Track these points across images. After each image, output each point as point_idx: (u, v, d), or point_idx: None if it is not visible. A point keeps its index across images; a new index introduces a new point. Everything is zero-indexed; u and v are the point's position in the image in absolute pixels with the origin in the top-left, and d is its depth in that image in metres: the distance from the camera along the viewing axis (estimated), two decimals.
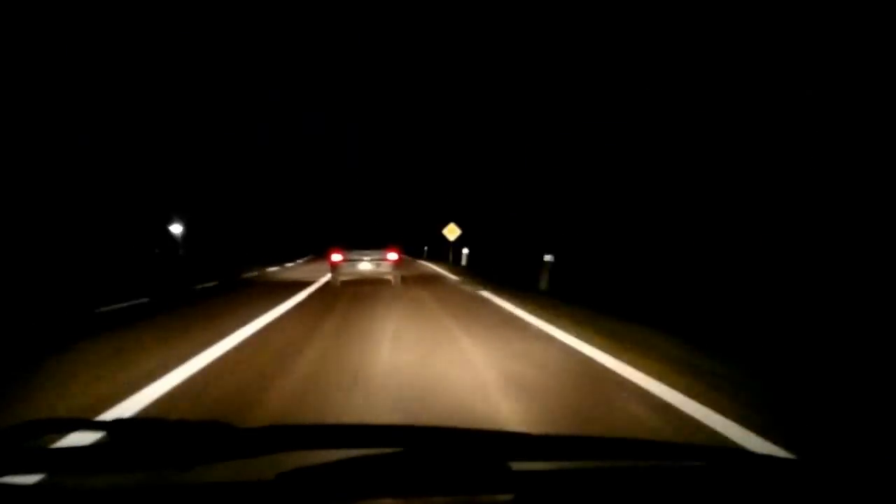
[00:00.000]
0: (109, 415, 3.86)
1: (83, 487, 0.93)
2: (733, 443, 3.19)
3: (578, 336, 6.64)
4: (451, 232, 27.62)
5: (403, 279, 15.56)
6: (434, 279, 17.80)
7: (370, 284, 14.24)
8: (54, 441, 2.57)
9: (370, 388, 4.44)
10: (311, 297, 12.07)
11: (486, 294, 12.12)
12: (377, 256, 13.67)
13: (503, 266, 22.28)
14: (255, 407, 4.00)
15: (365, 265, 13.69)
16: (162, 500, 0.98)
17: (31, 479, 1.01)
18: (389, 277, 14.02)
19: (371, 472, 1.04)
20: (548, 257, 13.52)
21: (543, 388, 4.45)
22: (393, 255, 13.75)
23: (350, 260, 13.64)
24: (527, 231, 30.04)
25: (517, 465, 1.07)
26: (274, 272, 23.86)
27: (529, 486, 1.06)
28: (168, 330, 7.75)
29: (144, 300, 11.60)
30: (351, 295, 11.97)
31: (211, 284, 16.59)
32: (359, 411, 3.87)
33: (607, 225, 25.32)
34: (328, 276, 16.11)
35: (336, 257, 13.71)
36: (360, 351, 5.92)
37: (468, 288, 14.13)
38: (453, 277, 18.42)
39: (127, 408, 4.02)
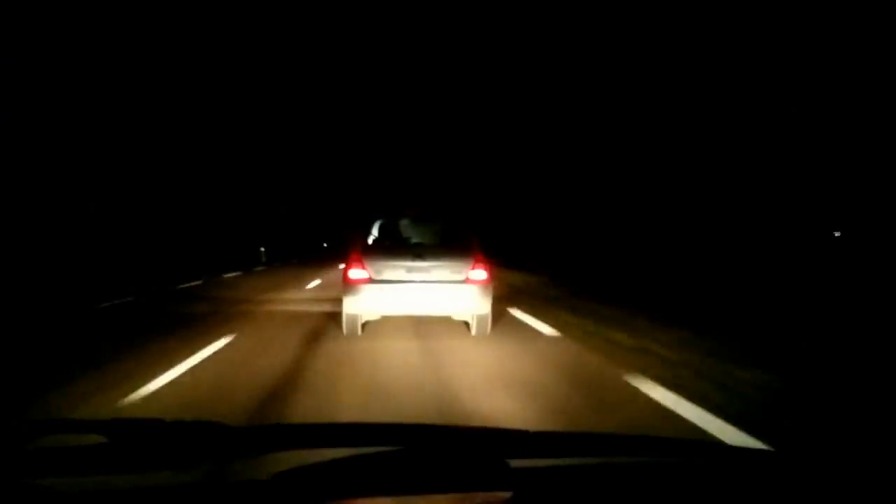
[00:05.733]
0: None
1: (81, 489, 0.94)
2: None
3: None
4: None
5: None
6: None
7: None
8: (51, 442, 2.58)
9: None
10: None
11: None
12: (442, 275, 6.74)
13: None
14: None
15: (417, 291, 6.70)
16: (159, 500, 0.99)
17: (28, 480, 1.03)
18: (467, 317, 7.11)
19: (369, 470, 1.04)
20: None
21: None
22: (479, 273, 6.78)
23: (383, 280, 6.71)
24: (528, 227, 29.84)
25: (516, 463, 1.07)
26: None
27: (528, 483, 1.05)
28: None
29: None
30: None
31: None
32: None
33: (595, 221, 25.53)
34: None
35: (357, 273, 6.72)
36: None
37: None
38: None
39: None
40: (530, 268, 18.57)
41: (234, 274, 19.29)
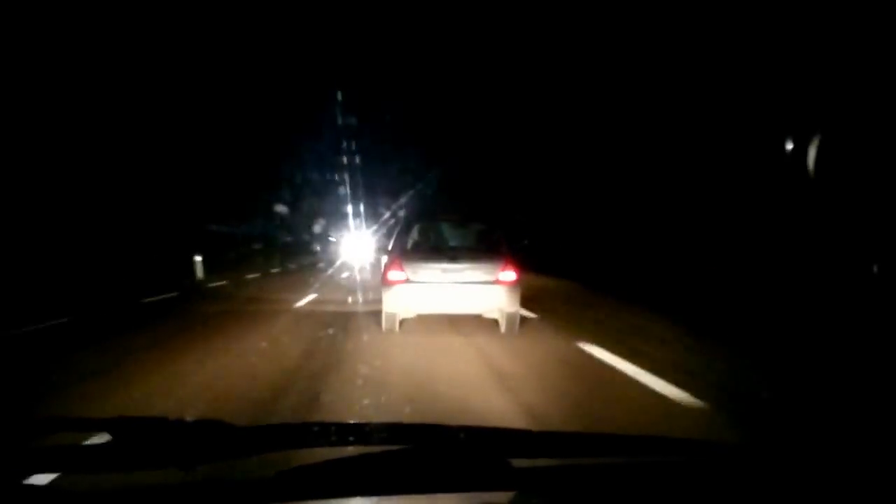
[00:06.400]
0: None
1: (85, 487, 0.95)
2: None
3: None
4: None
5: None
6: None
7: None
8: (55, 441, 2.57)
9: None
10: None
11: None
12: (474, 276, 7.09)
13: None
14: None
15: (451, 290, 7.08)
16: (163, 498, 1.00)
17: (32, 478, 1.04)
18: (496, 315, 7.39)
19: (372, 469, 1.04)
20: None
21: None
22: (509, 274, 7.09)
23: (420, 282, 7.09)
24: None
25: (518, 462, 1.06)
26: None
27: (531, 482, 1.05)
28: None
29: None
30: None
31: None
32: None
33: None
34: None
35: (395, 275, 7.14)
36: None
37: None
38: None
39: None
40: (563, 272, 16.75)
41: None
